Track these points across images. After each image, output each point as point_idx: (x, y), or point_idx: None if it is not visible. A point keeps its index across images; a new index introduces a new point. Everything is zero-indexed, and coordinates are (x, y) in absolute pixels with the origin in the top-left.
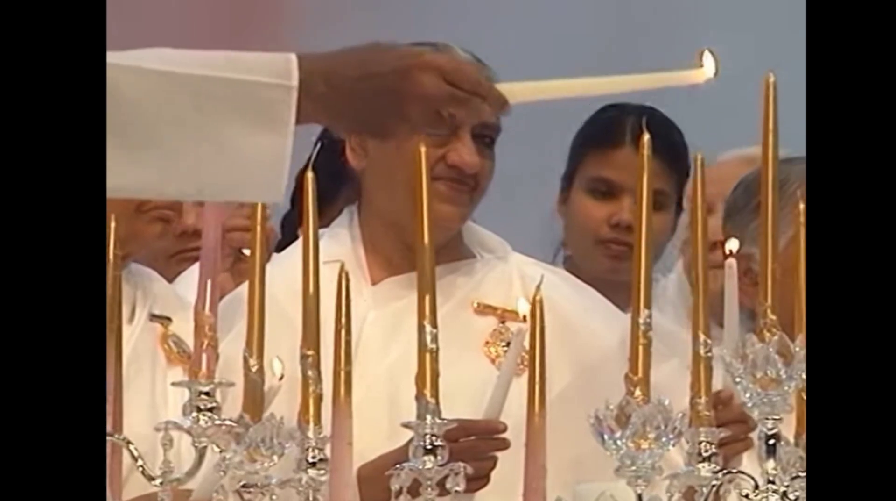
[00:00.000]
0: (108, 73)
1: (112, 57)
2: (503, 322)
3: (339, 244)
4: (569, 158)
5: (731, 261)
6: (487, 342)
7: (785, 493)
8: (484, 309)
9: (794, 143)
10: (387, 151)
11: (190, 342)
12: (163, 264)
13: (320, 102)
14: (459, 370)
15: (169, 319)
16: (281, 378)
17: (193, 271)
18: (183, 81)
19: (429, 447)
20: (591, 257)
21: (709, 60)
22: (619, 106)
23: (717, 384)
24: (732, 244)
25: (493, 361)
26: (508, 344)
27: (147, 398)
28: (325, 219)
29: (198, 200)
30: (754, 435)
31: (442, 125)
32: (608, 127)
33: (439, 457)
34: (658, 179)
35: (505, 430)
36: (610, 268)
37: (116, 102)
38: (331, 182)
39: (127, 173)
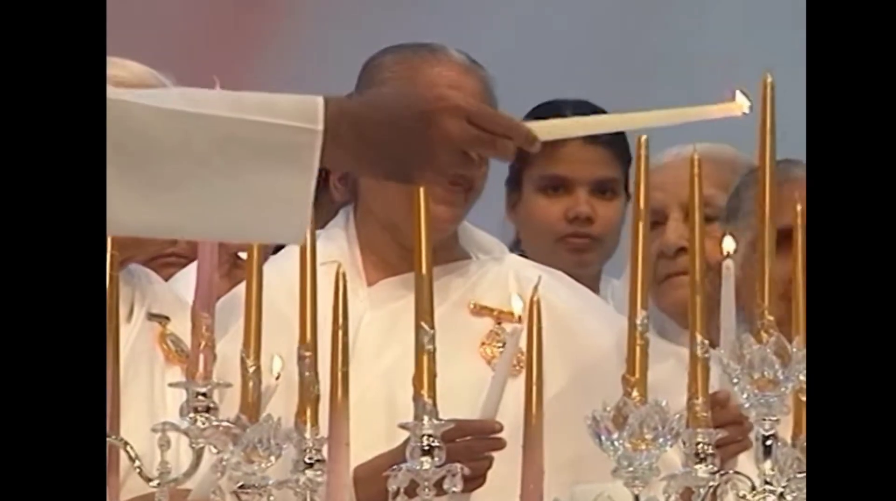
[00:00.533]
0: (133, 112)
1: (137, 96)
2: (499, 323)
3: (336, 245)
4: (512, 162)
5: (729, 262)
6: (483, 343)
7: (782, 494)
8: (480, 310)
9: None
10: None
11: (188, 341)
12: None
13: (345, 146)
14: (455, 370)
15: (167, 318)
16: (278, 377)
17: (188, 271)
18: (207, 122)
19: (426, 448)
20: (553, 255)
21: (741, 98)
22: (553, 103)
23: (714, 385)
24: (729, 245)
25: (488, 361)
26: (504, 345)
27: (146, 398)
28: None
29: (221, 240)
30: (751, 436)
31: (471, 167)
32: None
33: (436, 458)
34: (607, 167)
35: (501, 430)
36: (576, 262)
37: (141, 141)
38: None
39: (150, 214)
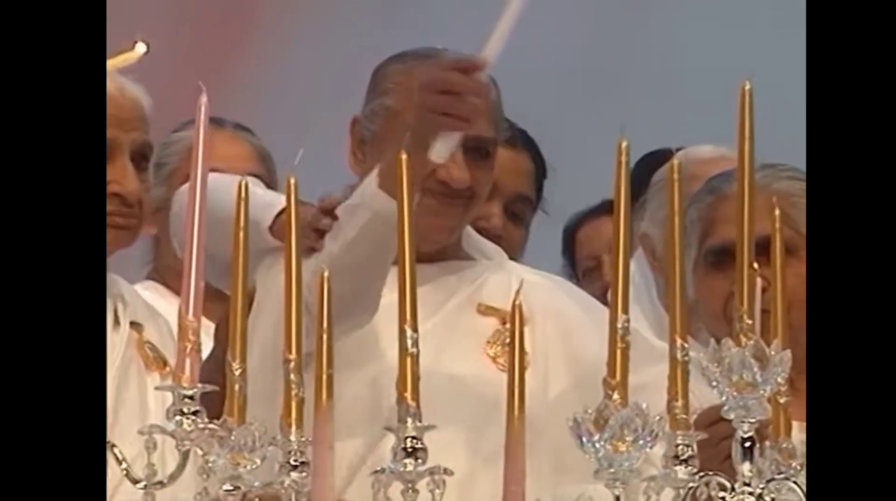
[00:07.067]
0: None
1: None
2: (504, 323)
3: None
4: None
5: None
6: (489, 342)
7: (760, 495)
8: (486, 310)
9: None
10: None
11: (162, 348)
12: None
13: None
14: (460, 368)
15: (141, 326)
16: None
17: None
18: None
19: (409, 450)
20: None
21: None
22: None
23: (716, 397)
24: None
25: (493, 360)
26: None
27: (138, 403)
28: None
29: None
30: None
31: None
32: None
33: (420, 460)
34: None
35: (484, 66)
36: None
37: None
38: None
39: None
